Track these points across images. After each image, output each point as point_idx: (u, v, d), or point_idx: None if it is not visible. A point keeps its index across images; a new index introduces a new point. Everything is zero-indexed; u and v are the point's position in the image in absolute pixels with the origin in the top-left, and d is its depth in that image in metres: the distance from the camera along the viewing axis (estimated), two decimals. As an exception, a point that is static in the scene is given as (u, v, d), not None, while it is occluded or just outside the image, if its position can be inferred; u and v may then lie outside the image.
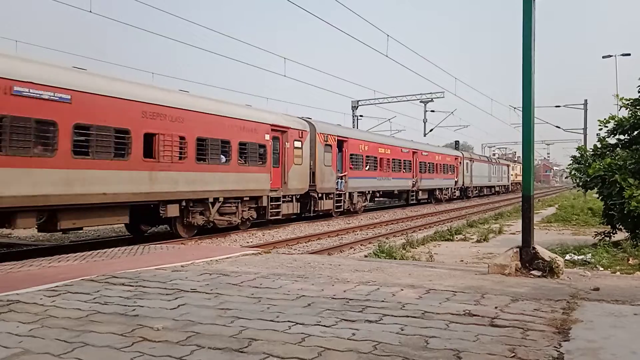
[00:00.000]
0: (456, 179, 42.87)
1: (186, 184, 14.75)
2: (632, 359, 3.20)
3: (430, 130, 43.21)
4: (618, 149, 11.52)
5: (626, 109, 11.57)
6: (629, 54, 33.96)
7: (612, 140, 12.07)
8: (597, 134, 12.34)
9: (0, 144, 10.31)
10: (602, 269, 8.48)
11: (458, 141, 56.64)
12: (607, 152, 11.62)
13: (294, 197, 20.28)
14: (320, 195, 22.10)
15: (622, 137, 11.82)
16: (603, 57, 33.98)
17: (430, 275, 6.31)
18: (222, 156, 16.22)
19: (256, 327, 3.88)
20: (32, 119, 10.78)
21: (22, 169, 10.62)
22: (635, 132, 11.39)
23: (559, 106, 43.67)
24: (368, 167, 27.15)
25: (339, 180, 23.96)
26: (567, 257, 9.32)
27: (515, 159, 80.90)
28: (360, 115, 40.79)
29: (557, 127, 42.02)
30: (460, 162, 43.81)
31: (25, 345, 3.50)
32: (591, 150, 12.35)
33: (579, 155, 12.68)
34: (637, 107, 11.29)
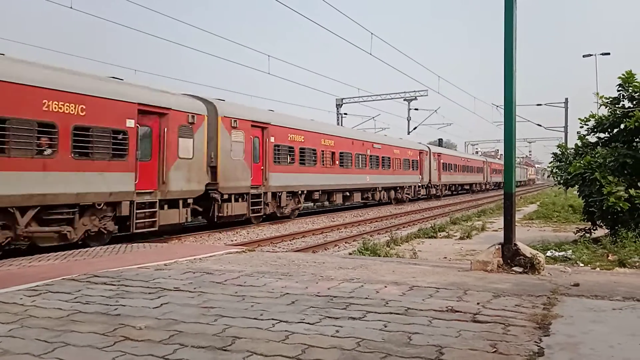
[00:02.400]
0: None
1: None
2: (611, 353, 3.26)
3: (414, 128, 43.46)
4: (598, 147, 11.69)
5: (606, 108, 11.75)
6: (609, 54, 34.42)
7: (592, 139, 12.25)
8: (577, 132, 12.54)
9: None
10: (582, 265, 8.61)
11: (441, 139, 57.10)
12: (588, 150, 11.79)
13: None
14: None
15: (602, 135, 12.00)
16: (583, 56, 34.40)
17: (414, 272, 6.35)
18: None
19: (240, 325, 3.87)
20: None
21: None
22: (615, 130, 11.57)
23: (540, 104, 44.28)
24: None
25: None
26: (548, 253, 9.44)
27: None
28: (345, 113, 40.86)
29: (538, 125, 42.39)
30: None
31: (4, 346, 3.44)
32: (572, 149, 12.52)
33: (560, 153, 12.86)
34: (617, 106, 11.48)
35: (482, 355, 3.20)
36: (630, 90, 11.22)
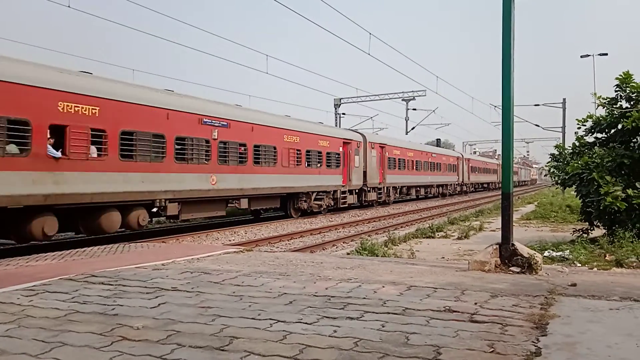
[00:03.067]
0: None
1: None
2: (608, 353, 3.26)
3: (412, 129, 43.47)
4: (596, 147, 11.72)
5: (603, 108, 11.78)
6: (606, 54, 34.54)
7: (590, 139, 12.28)
8: (575, 133, 12.56)
9: None
10: (580, 265, 8.62)
11: (439, 139, 57.14)
12: (585, 151, 11.82)
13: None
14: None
15: (599, 135, 12.04)
16: (581, 56, 34.50)
17: (412, 272, 6.36)
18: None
19: (237, 325, 3.87)
20: None
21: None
22: (612, 131, 11.60)
23: (538, 105, 44.39)
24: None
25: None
26: (546, 253, 9.45)
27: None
28: (343, 113, 40.85)
29: (536, 125, 42.55)
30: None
31: (1, 346, 3.43)
32: (569, 148, 12.55)
33: (558, 153, 12.89)
34: (614, 106, 11.51)
35: (480, 355, 3.20)
36: (627, 91, 11.25)
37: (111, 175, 12.95)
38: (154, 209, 14.65)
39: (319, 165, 23.83)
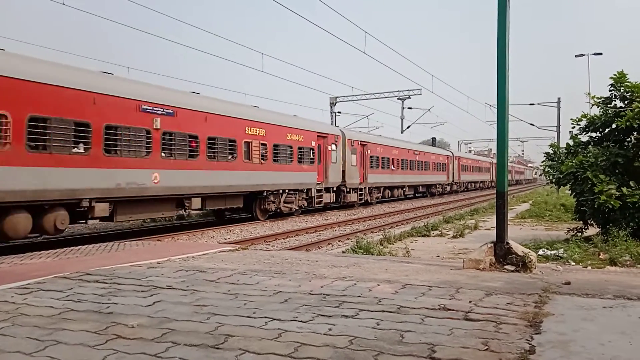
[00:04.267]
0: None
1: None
2: (601, 351, 3.28)
3: (408, 127, 43.51)
4: (590, 146, 11.77)
5: (598, 107, 11.83)
6: (601, 53, 34.66)
7: (584, 138, 12.33)
8: (570, 132, 12.61)
9: None
10: (574, 263, 8.66)
11: (435, 138, 57.22)
12: (580, 150, 11.87)
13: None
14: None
15: (593, 134, 12.08)
16: (576, 56, 34.65)
17: (407, 270, 6.37)
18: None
19: (232, 324, 3.87)
20: None
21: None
22: (607, 130, 11.65)
23: (533, 104, 44.67)
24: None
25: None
26: (540, 252, 9.48)
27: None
28: (339, 112, 40.86)
29: (531, 124, 42.65)
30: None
31: (-5, 344, 3.42)
32: (564, 148, 12.59)
33: (552, 152, 12.93)
34: (608, 105, 11.56)
35: (474, 353, 3.21)
36: (622, 90, 11.31)
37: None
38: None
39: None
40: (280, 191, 20.77)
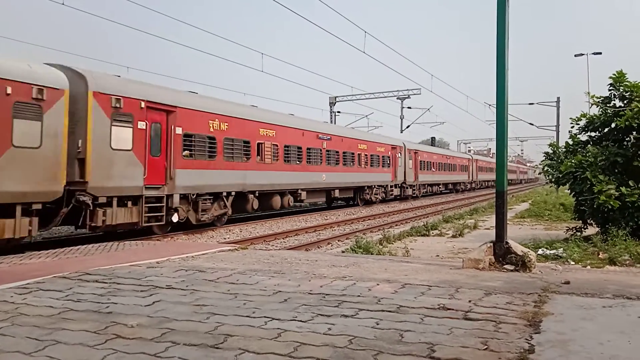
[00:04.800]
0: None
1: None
2: (600, 350, 3.28)
3: (407, 127, 43.50)
4: (589, 145, 11.77)
5: (597, 107, 11.84)
6: (600, 53, 34.65)
7: (583, 137, 12.33)
8: (569, 131, 12.60)
9: None
10: (573, 263, 8.67)
11: (434, 137, 57.26)
12: (579, 149, 11.87)
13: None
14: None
15: (593, 134, 12.09)
16: (575, 55, 34.62)
17: (406, 270, 6.37)
18: None
19: (232, 323, 3.87)
20: None
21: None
22: (606, 129, 11.66)
23: (532, 104, 44.61)
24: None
25: None
26: (540, 251, 9.49)
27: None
28: (338, 112, 40.86)
29: (530, 124, 42.60)
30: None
31: (-6, 344, 3.42)
32: (563, 147, 12.60)
33: (552, 152, 12.93)
34: (608, 105, 11.56)
35: (474, 352, 3.21)
36: (621, 90, 11.32)
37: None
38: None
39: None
40: (373, 186, 29.81)
